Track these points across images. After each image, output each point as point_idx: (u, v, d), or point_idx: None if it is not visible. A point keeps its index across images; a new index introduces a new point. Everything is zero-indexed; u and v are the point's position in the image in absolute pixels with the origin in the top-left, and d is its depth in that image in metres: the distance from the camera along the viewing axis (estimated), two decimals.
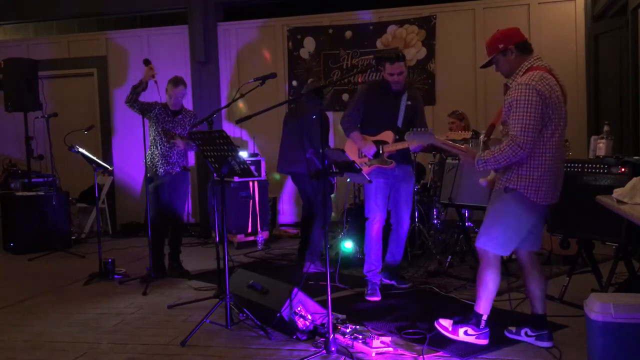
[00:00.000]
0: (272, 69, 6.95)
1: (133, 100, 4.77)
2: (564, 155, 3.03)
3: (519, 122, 2.77)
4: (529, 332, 3.11)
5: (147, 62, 4.86)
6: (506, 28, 3.04)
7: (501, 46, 2.95)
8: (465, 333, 3.10)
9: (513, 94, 2.82)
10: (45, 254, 6.07)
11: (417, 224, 5.18)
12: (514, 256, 4.95)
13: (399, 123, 4.12)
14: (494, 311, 3.66)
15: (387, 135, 4.10)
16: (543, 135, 2.82)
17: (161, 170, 4.84)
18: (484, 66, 3.09)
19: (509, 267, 4.58)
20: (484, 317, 3.06)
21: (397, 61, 4.01)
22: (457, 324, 3.14)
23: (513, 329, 3.20)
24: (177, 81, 4.88)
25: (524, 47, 2.96)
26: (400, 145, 4.04)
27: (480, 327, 3.07)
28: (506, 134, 2.91)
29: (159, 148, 4.85)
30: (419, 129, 3.25)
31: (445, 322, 3.20)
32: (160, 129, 4.84)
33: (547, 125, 2.82)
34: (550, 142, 2.84)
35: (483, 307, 3.07)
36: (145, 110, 4.79)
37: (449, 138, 3.88)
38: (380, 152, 4.09)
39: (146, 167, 4.88)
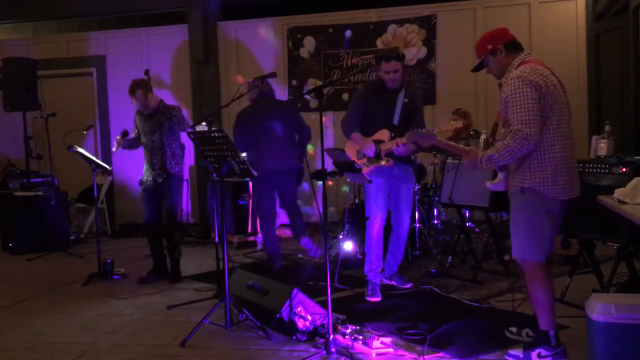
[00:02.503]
0: (272, 69, 6.95)
1: (133, 148, 4.94)
2: (575, 147, 2.87)
3: (518, 115, 2.67)
4: (530, 333, 3.08)
5: (124, 134, 4.87)
6: (492, 30, 3.00)
7: (490, 47, 2.89)
8: (539, 355, 2.82)
9: (506, 89, 2.74)
10: (44, 254, 6.06)
11: (418, 224, 5.17)
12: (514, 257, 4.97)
13: (395, 121, 4.10)
14: (494, 312, 3.67)
15: (383, 134, 4.09)
16: (548, 127, 2.72)
17: (148, 177, 4.79)
18: (475, 70, 3.02)
19: (509, 268, 4.58)
20: (552, 333, 2.81)
21: (395, 60, 4.00)
22: (527, 349, 2.88)
23: (514, 329, 3.17)
24: (131, 90, 4.67)
25: (513, 46, 2.88)
26: (395, 143, 4.00)
27: (553, 344, 2.81)
28: (509, 134, 2.81)
29: (146, 156, 4.84)
30: (420, 130, 3.17)
31: (515, 351, 2.96)
32: (145, 140, 4.80)
33: (550, 116, 2.71)
34: (558, 133, 2.73)
35: (546, 323, 2.83)
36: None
37: (441, 130, 3.85)
38: (377, 151, 4.07)
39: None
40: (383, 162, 4.06)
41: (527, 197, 2.78)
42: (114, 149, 4.95)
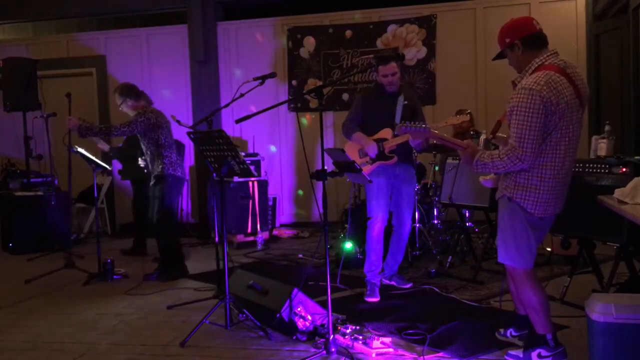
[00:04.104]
0: (272, 69, 6.95)
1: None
2: (572, 165, 2.74)
3: (517, 132, 2.53)
4: (513, 333, 3.10)
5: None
6: (517, 18, 2.76)
7: (507, 40, 2.70)
8: (539, 356, 2.78)
9: (515, 99, 2.56)
10: (44, 254, 6.06)
11: (418, 224, 5.16)
12: None
13: (397, 120, 4.11)
14: (494, 312, 3.67)
15: (386, 132, 4.10)
16: (546, 143, 2.58)
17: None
18: (495, 58, 2.87)
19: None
20: (549, 337, 2.75)
21: (394, 61, 4.01)
22: (527, 349, 2.84)
23: (502, 329, 3.18)
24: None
25: (533, 41, 2.66)
26: (400, 140, 4.02)
27: (552, 346, 2.75)
28: (506, 147, 2.69)
29: None
30: (412, 123, 3.06)
31: (515, 352, 2.93)
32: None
33: (551, 133, 2.57)
34: (555, 150, 2.60)
35: (542, 327, 2.76)
36: None
37: (448, 124, 3.85)
38: (381, 149, 4.08)
39: None
40: (388, 160, 4.07)
41: (512, 206, 2.71)
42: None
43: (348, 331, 3.20)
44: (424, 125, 2.91)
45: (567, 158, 2.65)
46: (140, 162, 5.08)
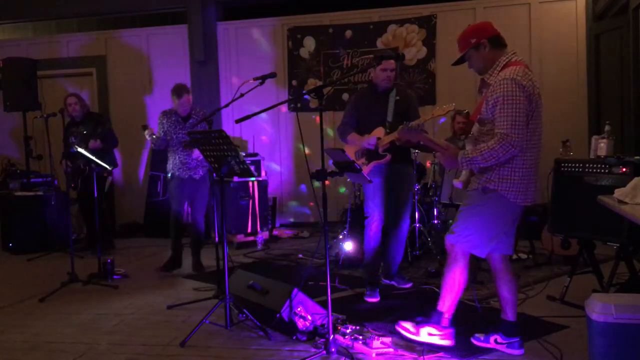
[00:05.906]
0: (272, 69, 6.94)
1: (159, 147, 5.12)
2: (540, 154, 2.91)
3: (508, 119, 2.65)
4: (499, 340, 3.02)
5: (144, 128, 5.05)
6: (476, 23, 2.99)
7: (473, 41, 2.84)
8: (429, 334, 3.00)
9: (499, 90, 2.69)
10: (44, 254, 6.06)
11: (418, 224, 5.16)
12: (515, 256, 4.97)
13: (389, 117, 4.12)
14: (494, 312, 3.66)
15: (378, 132, 4.10)
16: (525, 134, 2.72)
17: (184, 174, 5.03)
18: (456, 63, 2.97)
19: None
20: (446, 316, 2.98)
21: (394, 59, 4.03)
22: (419, 324, 3.06)
23: (481, 335, 3.11)
24: (179, 92, 4.93)
25: (497, 42, 2.85)
26: (391, 137, 4.02)
27: (443, 325, 2.97)
28: (485, 133, 2.81)
29: (176, 156, 5.05)
30: (409, 124, 3.14)
31: (407, 324, 3.12)
32: (176, 140, 5.02)
33: (529, 123, 2.72)
34: (532, 141, 2.76)
35: (446, 305, 2.98)
36: (167, 138, 5.07)
37: (435, 115, 3.88)
38: (375, 148, 4.09)
39: (167, 171, 5.18)
40: (381, 159, 4.07)
41: (488, 197, 2.81)
42: (148, 137, 5.03)
43: (348, 331, 3.20)
44: (421, 126, 2.95)
45: (540, 149, 2.84)
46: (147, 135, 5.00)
